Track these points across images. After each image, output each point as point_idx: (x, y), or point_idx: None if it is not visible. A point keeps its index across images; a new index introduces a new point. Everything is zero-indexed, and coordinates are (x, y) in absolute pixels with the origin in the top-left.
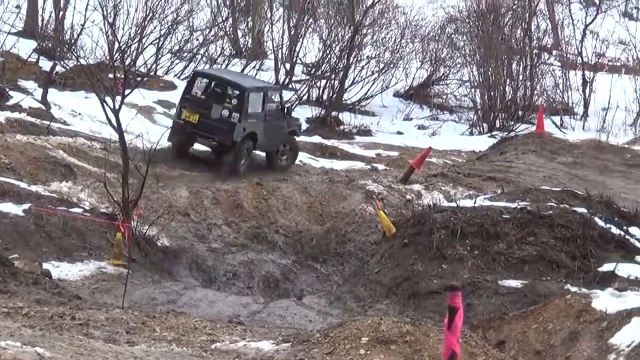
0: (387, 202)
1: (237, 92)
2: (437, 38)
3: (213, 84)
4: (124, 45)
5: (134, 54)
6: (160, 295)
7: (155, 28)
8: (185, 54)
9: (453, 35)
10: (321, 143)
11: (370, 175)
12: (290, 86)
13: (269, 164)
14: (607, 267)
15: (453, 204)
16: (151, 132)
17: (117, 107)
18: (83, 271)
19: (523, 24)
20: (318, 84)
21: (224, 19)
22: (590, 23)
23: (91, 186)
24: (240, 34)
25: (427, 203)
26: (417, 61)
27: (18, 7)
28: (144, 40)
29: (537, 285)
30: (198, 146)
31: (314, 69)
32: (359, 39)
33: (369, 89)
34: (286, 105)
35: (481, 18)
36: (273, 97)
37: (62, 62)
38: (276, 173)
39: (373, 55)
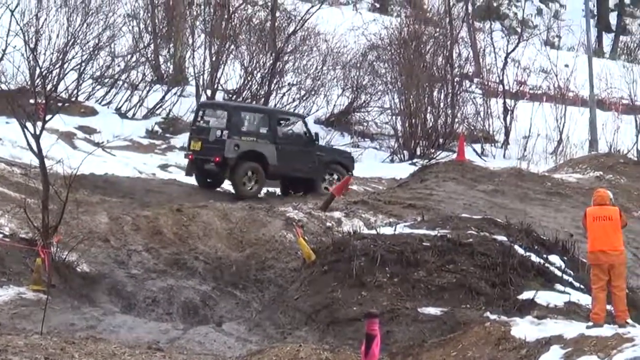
0: (307, 229)
1: (225, 112)
2: (358, 65)
3: (211, 111)
4: (46, 71)
5: (56, 79)
6: (80, 321)
7: (77, 54)
8: (106, 80)
9: (375, 63)
10: None
11: (290, 202)
12: None
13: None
14: (526, 295)
15: (373, 232)
16: (72, 158)
17: (38, 132)
18: (2, 296)
19: (445, 52)
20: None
21: (145, 45)
22: (512, 51)
23: (11, 211)
24: (161, 60)
25: (347, 230)
26: (338, 88)
27: None
28: (65, 66)
29: (457, 312)
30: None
31: (235, 96)
32: (281, 66)
33: None
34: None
35: (403, 45)
36: (291, 123)
37: None
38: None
39: (294, 82)
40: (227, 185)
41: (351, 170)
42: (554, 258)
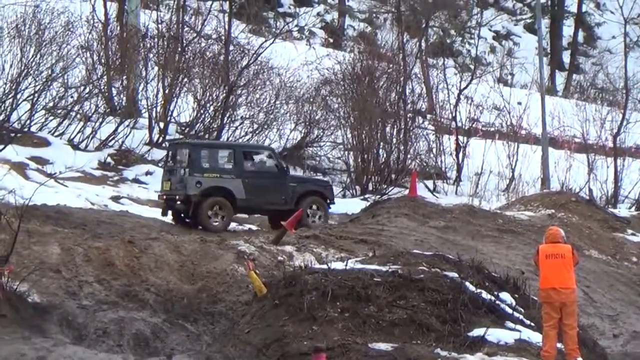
0: (258, 262)
1: (186, 150)
2: (311, 100)
3: (179, 151)
4: None
5: (8, 109)
6: (30, 352)
7: (30, 84)
8: (59, 111)
9: (328, 97)
10: None
11: (242, 236)
12: (163, 145)
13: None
14: (477, 332)
15: (325, 266)
16: (24, 188)
17: None
18: None
19: (398, 88)
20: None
21: (98, 76)
22: (465, 88)
23: None
24: (114, 92)
25: (298, 264)
26: (291, 122)
27: None
28: (18, 96)
29: (407, 348)
30: None
31: (187, 128)
32: (234, 99)
33: None
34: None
35: (356, 80)
36: (258, 157)
37: None
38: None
39: (247, 116)
40: None
41: (331, 200)
42: (505, 295)
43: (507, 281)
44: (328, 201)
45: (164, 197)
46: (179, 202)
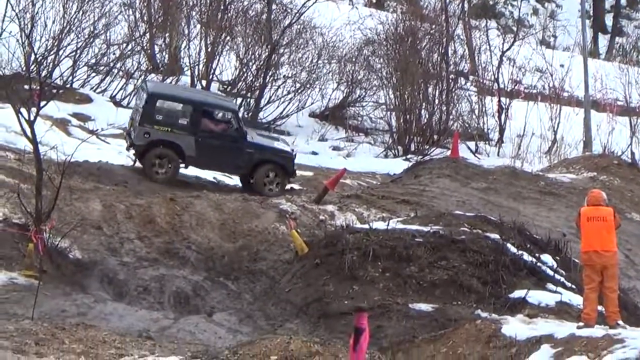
0: (300, 221)
1: (144, 95)
2: (354, 60)
3: (140, 92)
4: (41, 57)
5: (50, 66)
6: (71, 308)
7: (72, 41)
8: (101, 68)
9: (370, 58)
10: None
11: (284, 194)
12: None
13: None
14: (518, 293)
15: (366, 226)
16: (66, 145)
17: (32, 118)
18: None
19: (440, 49)
20: (234, 101)
21: (141, 34)
22: (507, 50)
23: (4, 196)
24: (157, 49)
25: (340, 224)
26: (333, 82)
27: None
28: (60, 53)
29: (448, 309)
30: None
31: (230, 87)
32: (276, 58)
33: (284, 109)
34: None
35: (399, 41)
36: (219, 116)
37: None
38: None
39: (289, 75)
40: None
41: (289, 171)
42: (546, 257)
43: (549, 243)
44: (287, 172)
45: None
46: (127, 149)
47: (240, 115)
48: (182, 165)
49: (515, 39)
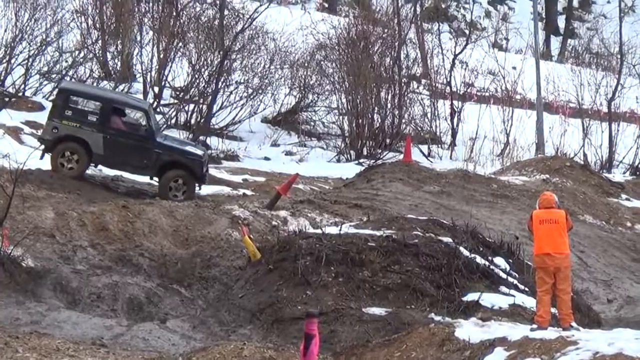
0: (252, 227)
1: (57, 91)
2: (306, 65)
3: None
4: None
5: (2, 74)
6: (24, 316)
7: (24, 49)
8: (54, 75)
9: (322, 62)
10: None
11: (236, 200)
12: (158, 110)
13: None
14: (471, 296)
15: (319, 231)
16: (18, 153)
17: None
18: None
19: (392, 53)
20: (186, 108)
21: (93, 41)
22: (460, 53)
23: None
24: (109, 56)
25: (292, 229)
26: (285, 87)
27: None
28: (12, 61)
29: (401, 313)
30: None
31: (182, 93)
32: (228, 64)
33: (237, 114)
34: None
35: (351, 45)
36: (130, 114)
37: None
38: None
39: (242, 81)
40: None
41: (198, 176)
42: (499, 260)
43: (502, 246)
44: (196, 176)
45: None
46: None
47: (151, 115)
48: (92, 164)
49: (468, 42)
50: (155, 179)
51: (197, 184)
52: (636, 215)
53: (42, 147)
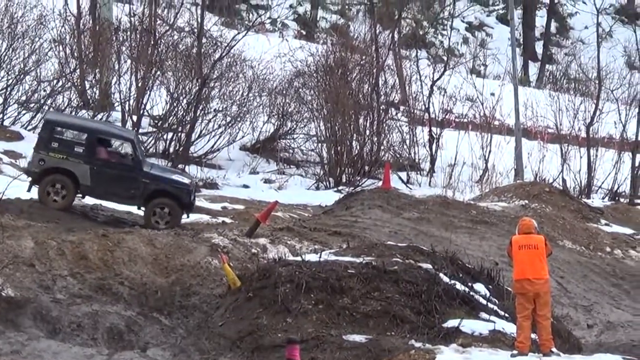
0: (232, 255)
1: (43, 123)
2: (284, 92)
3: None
4: None
5: None
6: (4, 346)
7: (2, 78)
8: (32, 105)
9: (300, 90)
10: None
11: (216, 228)
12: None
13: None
14: (451, 323)
15: (298, 258)
16: None
17: None
18: None
19: (371, 79)
20: (165, 136)
21: (71, 70)
22: (438, 79)
23: None
24: (87, 85)
25: (272, 257)
26: (264, 115)
27: None
28: None
29: (382, 340)
30: None
31: (160, 122)
32: (207, 92)
33: (215, 142)
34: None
35: (329, 73)
36: (116, 144)
37: None
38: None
39: (220, 109)
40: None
41: (185, 203)
42: (479, 286)
43: (481, 272)
44: (182, 204)
45: None
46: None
47: (137, 144)
48: (79, 195)
49: (446, 69)
50: (143, 208)
51: (184, 213)
52: (615, 240)
53: (29, 179)
